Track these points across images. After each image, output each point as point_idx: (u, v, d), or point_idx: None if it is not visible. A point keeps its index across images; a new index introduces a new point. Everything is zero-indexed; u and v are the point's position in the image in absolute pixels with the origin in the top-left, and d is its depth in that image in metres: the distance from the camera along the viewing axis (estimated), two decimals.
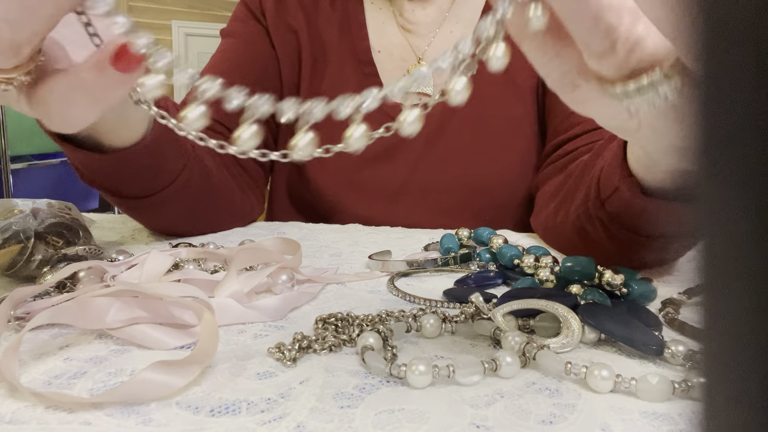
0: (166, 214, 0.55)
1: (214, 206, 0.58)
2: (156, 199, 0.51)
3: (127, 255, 0.44)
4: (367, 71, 0.71)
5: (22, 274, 0.41)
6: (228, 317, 0.34)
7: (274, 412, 0.24)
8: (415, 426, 0.23)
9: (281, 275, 0.39)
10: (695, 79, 0.08)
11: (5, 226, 0.40)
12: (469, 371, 0.27)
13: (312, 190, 0.70)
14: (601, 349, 0.32)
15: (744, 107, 0.07)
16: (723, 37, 0.08)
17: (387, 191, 0.68)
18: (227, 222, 0.60)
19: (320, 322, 0.33)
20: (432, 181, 0.67)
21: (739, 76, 0.07)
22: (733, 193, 0.08)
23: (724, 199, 0.08)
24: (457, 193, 0.67)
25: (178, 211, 0.55)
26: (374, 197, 0.68)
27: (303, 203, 0.71)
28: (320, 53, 0.71)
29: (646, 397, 0.26)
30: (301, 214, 0.71)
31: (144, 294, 0.32)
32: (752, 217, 0.07)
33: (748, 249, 0.08)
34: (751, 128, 0.07)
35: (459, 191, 0.67)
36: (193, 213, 0.56)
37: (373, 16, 0.73)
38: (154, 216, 0.55)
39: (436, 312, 0.33)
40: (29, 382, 0.26)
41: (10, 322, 0.31)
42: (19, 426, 0.23)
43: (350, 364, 0.29)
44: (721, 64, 0.08)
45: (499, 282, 0.44)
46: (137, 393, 0.24)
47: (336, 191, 0.69)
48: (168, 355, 0.29)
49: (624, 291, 0.38)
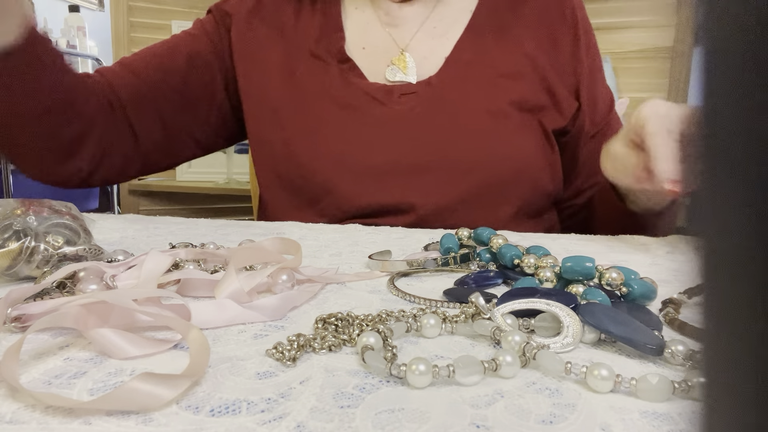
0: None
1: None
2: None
3: (127, 255, 0.44)
4: (347, 68, 0.73)
5: (22, 274, 0.41)
6: (228, 317, 0.34)
7: (274, 412, 0.24)
8: (415, 426, 0.23)
9: (281, 275, 0.39)
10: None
11: (5, 226, 0.40)
12: (469, 371, 0.27)
13: (303, 174, 0.71)
14: (601, 349, 0.32)
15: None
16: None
17: (377, 171, 0.69)
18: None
19: (320, 322, 0.33)
20: (423, 160, 0.68)
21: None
22: (732, 194, 0.08)
23: (724, 200, 0.08)
24: (449, 172, 0.69)
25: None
26: (364, 177, 0.69)
27: (293, 186, 0.72)
28: (296, 50, 0.75)
29: (646, 397, 0.26)
30: (293, 196, 0.72)
31: (120, 307, 0.31)
32: (752, 218, 0.07)
33: (747, 250, 0.08)
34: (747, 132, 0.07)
35: (449, 170, 0.69)
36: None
37: (356, 19, 0.77)
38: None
39: (436, 312, 0.33)
40: (29, 382, 0.26)
41: (5, 324, 0.31)
42: (19, 426, 0.23)
43: (350, 364, 0.29)
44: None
45: (499, 282, 0.44)
46: (126, 402, 0.24)
47: (327, 173, 0.70)
48: (166, 356, 0.29)
49: (624, 291, 0.38)
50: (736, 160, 0.08)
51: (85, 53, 2.47)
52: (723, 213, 0.08)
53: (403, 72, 0.72)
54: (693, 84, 0.08)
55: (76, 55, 2.42)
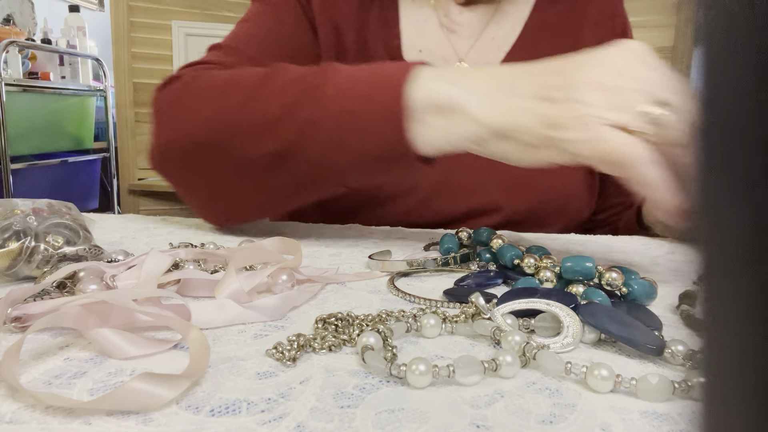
0: None
1: None
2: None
3: (127, 255, 0.44)
4: None
5: (22, 274, 0.41)
6: (227, 317, 0.34)
7: (274, 412, 0.24)
8: (415, 426, 0.23)
9: (281, 275, 0.39)
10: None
11: (5, 226, 0.40)
12: (469, 371, 0.27)
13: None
14: (601, 349, 0.32)
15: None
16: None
17: (419, 191, 0.67)
18: None
19: (320, 322, 0.33)
20: (467, 181, 0.67)
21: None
22: (732, 194, 0.08)
23: (723, 200, 0.08)
24: (495, 193, 0.67)
25: None
26: (406, 197, 0.67)
27: (325, 202, 0.69)
28: (361, 49, 0.70)
29: (646, 397, 0.26)
30: (324, 213, 0.70)
31: (120, 307, 0.31)
32: (752, 219, 0.07)
33: (747, 250, 0.08)
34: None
35: (496, 191, 0.67)
36: None
37: (413, 15, 0.72)
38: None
39: (436, 312, 0.33)
40: (29, 382, 0.26)
41: (5, 324, 0.31)
42: (19, 426, 0.23)
43: (350, 364, 0.29)
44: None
45: (499, 282, 0.44)
46: (126, 402, 0.24)
47: (368, 192, 0.67)
48: (166, 356, 0.29)
49: (624, 291, 0.38)
50: (735, 159, 0.08)
51: (85, 53, 2.47)
52: (723, 212, 0.08)
53: None
54: (693, 84, 0.08)
55: (76, 55, 2.42)
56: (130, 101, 2.15)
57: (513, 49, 0.71)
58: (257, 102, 0.50)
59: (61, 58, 2.39)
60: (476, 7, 0.72)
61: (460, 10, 0.72)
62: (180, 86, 0.57)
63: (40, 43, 2.31)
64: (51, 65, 2.37)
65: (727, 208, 0.08)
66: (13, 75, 2.04)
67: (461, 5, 0.72)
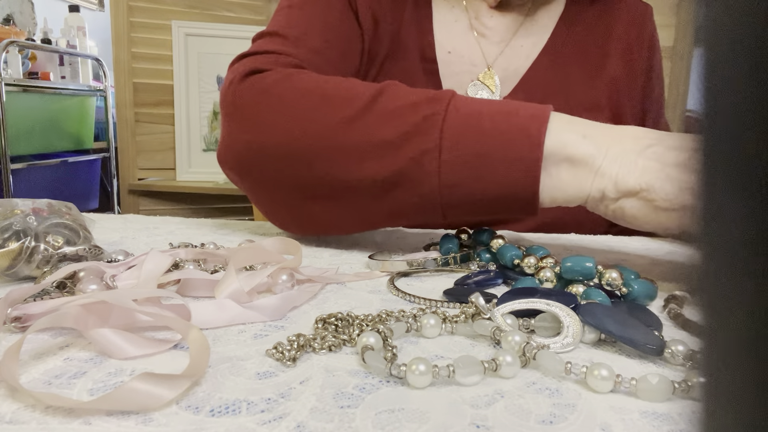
0: None
1: None
2: None
3: (127, 255, 0.44)
4: (428, 68, 0.68)
5: (22, 274, 0.41)
6: (228, 317, 0.34)
7: (274, 412, 0.24)
8: (415, 426, 0.23)
9: (281, 275, 0.39)
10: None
11: (5, 226, 0.40)
12: (469, 371, 0.27)
13: None
14: (601, 349, 0.32)
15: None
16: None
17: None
18: None
19: (320, 322, 0.33)
20: None
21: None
22: (732, 195, 0.08)
23: (723, 200, 0.08)
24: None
25: None
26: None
27: None
28: (395, 46, 0.68)
29: (646, 397, 0.26)
30: None
31: (120, 307, 0.31)
32: (752, 219, 0.07)
33: (747, 250, 0.07)
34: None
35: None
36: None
37: (444, 14, 0.71)
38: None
39: (436, 312, 0.33)
40: (29, 382, 0.26)
41: (5, 324, 0.31)
42: (19, 426, 0.23)
43: (350, 364, 0.29)
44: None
45: (499, 282, 0.44)
46: (126, 402, 0.24)
47: None
48: (166, 356, 0.29)
49: (624, 291, 0.38)
50: (735, 159, 0.08)
51: (85, 53, 2.47)
52: (722, 212, 0.08)
53: (490, 90, 0.68)
54: (693, 84, 0.08)
55: (76, 55, 2.42)
56: (130, 101, 2.15)
57: (539, 58, 0.70)
58: (366, 123, 0.47)
59: (61, 58, 2.39)
60: (508, 13, 0.71)
61: (491, 13, 0.71)
62: (269, 84, 0.52)
63: (40, 43, 2.31)
64: (51, 65, 2.37)
65: (727, 208, 0.08)
66: (13, 75, 2.04)
67: (493, 9, 0.71)
